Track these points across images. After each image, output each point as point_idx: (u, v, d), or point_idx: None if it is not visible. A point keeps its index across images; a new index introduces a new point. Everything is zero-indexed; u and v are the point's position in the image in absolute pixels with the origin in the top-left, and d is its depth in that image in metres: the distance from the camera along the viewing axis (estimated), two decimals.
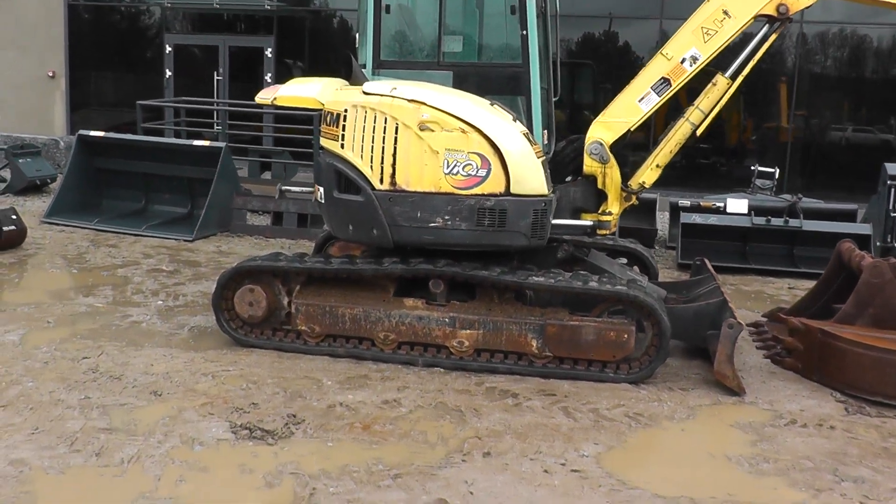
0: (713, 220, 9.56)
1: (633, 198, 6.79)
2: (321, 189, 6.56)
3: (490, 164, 6.00)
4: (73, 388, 5.50)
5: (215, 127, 13.00)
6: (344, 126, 6.29)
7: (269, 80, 13.96)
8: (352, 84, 6.49)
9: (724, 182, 12.69)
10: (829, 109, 14.55)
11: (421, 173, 6.02)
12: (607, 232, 6.66)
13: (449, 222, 6.01)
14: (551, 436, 5.11)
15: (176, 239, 9.80)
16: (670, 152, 6.71)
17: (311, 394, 5.56)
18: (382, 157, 6.11)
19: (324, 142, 6.61)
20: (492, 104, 6.26)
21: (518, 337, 6.03)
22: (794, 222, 9.33)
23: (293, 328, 6.38)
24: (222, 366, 6.00)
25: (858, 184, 13.74)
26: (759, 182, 10.05)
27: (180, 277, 8.34)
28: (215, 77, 14.70)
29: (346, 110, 6.29)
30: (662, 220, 11.04)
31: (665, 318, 5.90)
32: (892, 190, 9.56)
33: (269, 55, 14.11)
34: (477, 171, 6.00)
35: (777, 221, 9.36)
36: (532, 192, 6.12)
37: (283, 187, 10.50)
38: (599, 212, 6.68)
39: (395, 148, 6.07)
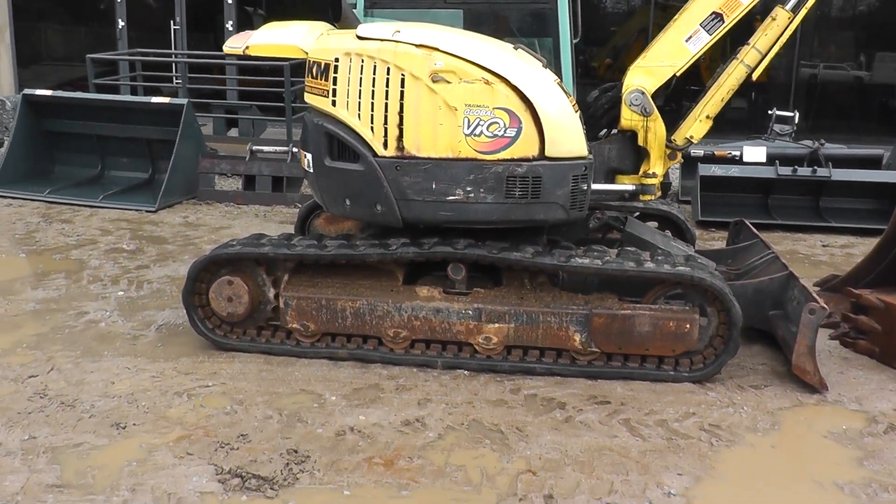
0: (734, 171, 8.35)
1: (679, 155, 5.53)
2: (308, 155, 5.20)
3: (520, 122, 4.68)
4: (14, 423, 4.16)
5: (174, 81, 11.39)
6: (335, 79, 4.92)
7: (231, 29, 12.34)
8: (340, 28, 5.10)
9: (735, 128, 11.35)
10: (836, 47, 13.22)
11: (435, 135, 4.69)
12: (652, 197, 5.40)
13: (471, 194, 4.71)
14: (622, 464, 3.92)
15: (137, 209, 8.35)
16: (721, 100, 5.43)
17: (312, 416, 4.29)
18: (386, 117, 4.76)
19: (310, 98, 5.23)
20: (515, 48, 4.93)
21: (558, 330, 4.80)
22: (822, 171, 8.16)
23: (282, 326, 5.09)
24: (199, 379, 4.69)
25: (864, 125, 12.63)
26: (777, 127, 8.86)
27: (144, 258, 6.95)
28: (172, 27, 13.00)
29: (336, 60, 4.91)
30: (672, 171, 9.80)
31: (736, 303, 4.70)
32: None
33: (230, 1, 12.47)
34: (504, 131, 4.68)
35: (804, 171, 8.19)
36: (570, 155, 4.83)
37: (254, 147, 8.99)
38: (640, 173, 5.41)
39: (401, 105, 4.72)
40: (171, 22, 13.26)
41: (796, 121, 9.04)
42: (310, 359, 4.99)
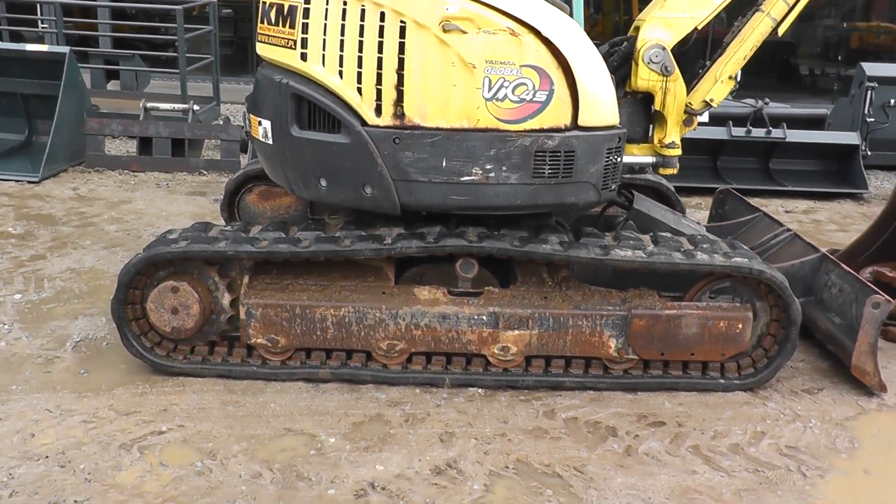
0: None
1: (695, 121, 4.65)
2: (264, 123, 3.98)
3: (552, 84, 3.65)
4: None
5: (40, 25, 9.53)
6: (305, 26, 3.72)
7: None
8: None
9: None
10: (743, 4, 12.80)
11: (446, 99, 3.60)
12: (674, 171, 4.52)
13: (491, 173, 3.66)
14: None
15: (17, 180, 6.74)
16: (744, 58, 4.55)
17: (314, 469, 3.18)
18: (379, 76, 3.62)
19: (266, 50, 4.00)
20: None
21: (590, 336, 3.86)
22: (776, 132, 7.55)
23: (242, 342, 3.92)
24: (148, 422, 3.47)
25: (765, 82, 12.30)
26: None
27: (37, 245, 5.47)
28: None
29: (306, 1, 3.71)
30: None
31: (796, 299, 3.92)
32: (870, 92, 7.97)
33: None
34: (534, 95, 3.64)
35: (759, 132, 7.55)
36: (605, 123, 3.86)
37: (149, 104, 7.55)
38: (657, 142, 4.51)
39: (400, 60, 3.59)
40: None
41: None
42: (282, 382, 3.86)
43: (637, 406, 3.81)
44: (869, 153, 7.89)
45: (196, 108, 7.62)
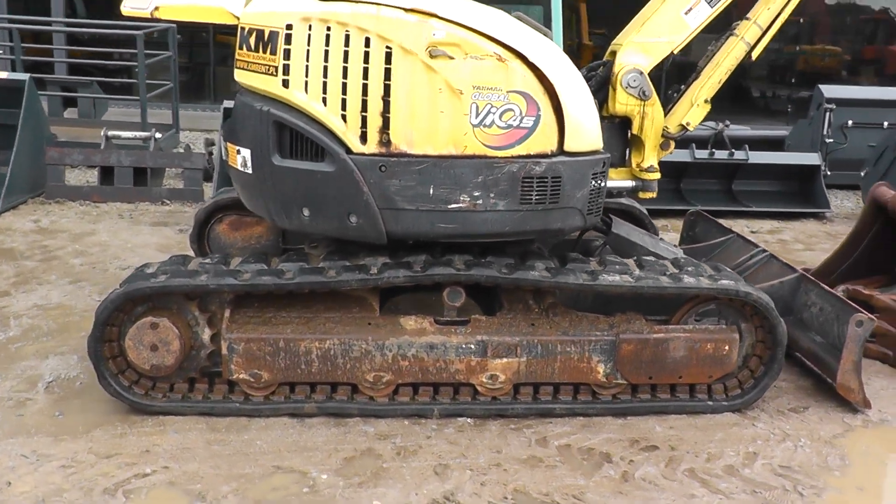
0: None
1: (672, 145, 4.69)
2: (243, 151, 3.90)
3: (539, 109, 3.64)
4: None
5: None
6: (287, 52, 3.65)
7: None
8: None
9: None
10: None
11: (433, 126, 3.55)
12: (653, 195, 4.53)
13: (479, 201, 3.62)
14: None
15: None
16: (719, 82, 4.60)
17: None
18: (364, 102, 3.57)
19: (245, 77, 3.91)
20: (512, 15, 3.88)
21: (578, 361, 3.83)
22: (739, 154, 7.66)
23: (225, 378, 3.79)
24: (130, 464, 3.33)
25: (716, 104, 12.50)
26: None
27: (1, 282, 5.27)
28: None
29: (288, 27, 3.64)
30: None
31: (782, 320, 3.93)
32: (828, 114, 8.15)
33: None
34: (521, 121, 3.62)
35: (721, 154, 7.66)
36: (590, 149, 3.86)
37: (110, 132, 7.38)
38: (635, 166, 4.52)
39: (386, 86, 3.54)
40: None
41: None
42: (266, 418, 3.75)
43: (628, 431, 3.77)
44: (829, 173, 8.06)
45: (158, 135, 7.47)
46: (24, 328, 4.63)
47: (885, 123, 8.10)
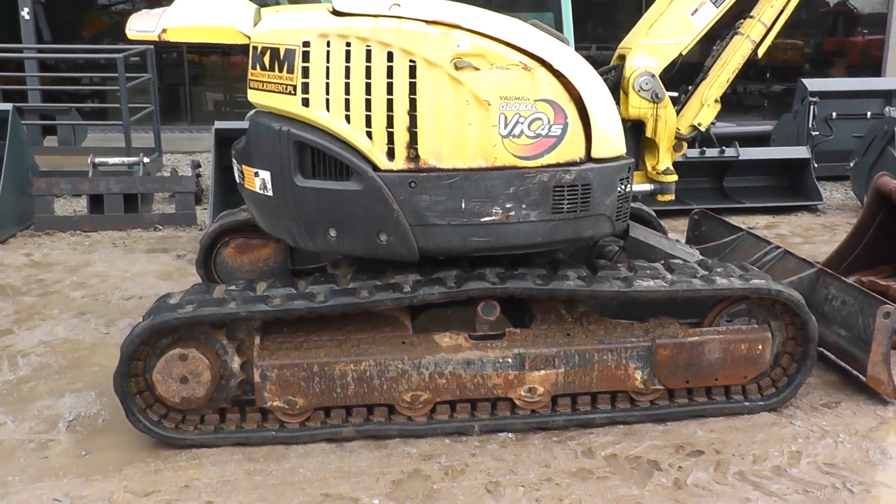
0: None
1: (684, 146, 4.67)
2: (261, 174, 3.80)
3: (566, 117, 3.60)
4: None
5: None
6: (305, 70, 3.57)
7: (27, 17, 10.03)
8: (297, 2, 3.73)
9: None
10: None
11: (462, 139, 3.49)
12: (672, 197, 4.52)
13: (511, 212, 3.56)
14: None
15: None
16: (727, 81, 4.60)
17: None
18: (390, 118, 3.50)
19: (260, 97, 3.82)
20: (529, 23, 3.83)
21: (616, 369, 3.79)
22: (730, 151, 7.71)
23: (258, 406, 3.69)
24: (172, 500, 3.21)
25: None
26: None
27: (2, 319, 5.08)
28: None
29: (305, 44, 3.56)
30: None
31: (812, 316, 3.93)
32: (812, 107, 8.23)
33: None
34: (549, 129, 3.57)
35: (712, 152, 7.70)
36: (616, 154, 3.83)
37: (97, 160, 7.22)
38: (650, 169, 4.50)
39: (412, 101, 3.47)
40: None
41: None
42: (303, 444, 3.65)
43: (671, 437, 3.74)
44: (816, 165, 8.14)
45: (146, 160, 7.32)
46: (34, 366, 4.48)
47: (869, 113, 8.21)
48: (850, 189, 8.34)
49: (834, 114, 8.27)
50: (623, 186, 3.86)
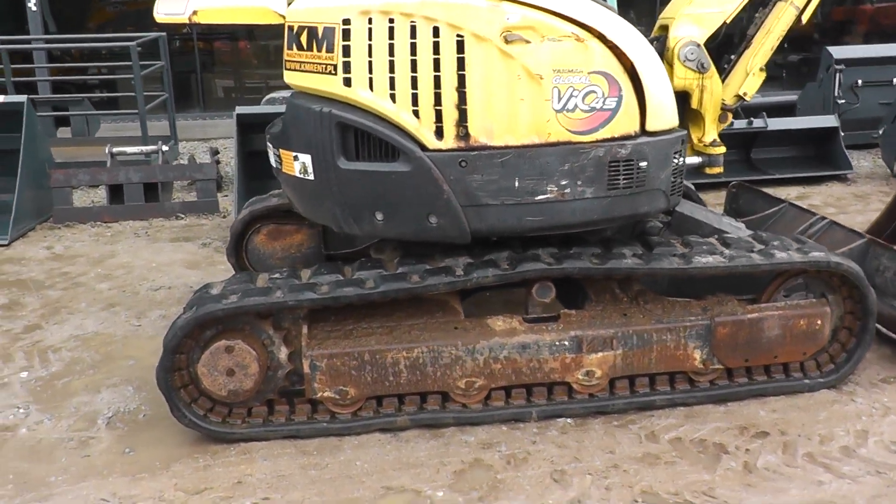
0: None
1: (729, 117, 4.52)
2: (301, 157, 3.66)
3: (620, 89, 3.44)
4: None
5: None
6: (346, 49, 3.42)
7: (34, 7, 9.84)
8: None
9: None
10: None
11: (514, 115, 3.34)
12: (720, 170, 4.37)
13: (567, 189, 3.42)
14: None
15: None
16: (771, 49, 4.44)
17: None
18: (438, 95, 3.35)
19: (297, 78, 3.68)
20: None
21: (675, 349, 3.65)
22: (758, 122, 7.53)
23: (307, 397, 3.56)
24: (226, 497, 3.09)
25: None
26: None
27: (27, 314, 4.98)
28: None
29: (346, 22, 3.41)
30: None
31: (871, 288, 3.79)
32: (838, 75, 8.05)
33: None
34: (604, 103, 3.42)
35: (740, 123, 7.52)
36: (669, 127, 3.68)
37: (115, 150, 7.07)
38: (696, 141, 4.34)
39: (460, 77, 3.32)
40: None
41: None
42: (357, 435, 3.52)
43: (733, 418, 3.61)
44: (842, 134, 7.96)
45: (165, 148, 7.16)
46: (66, 362, 4.35)
47: (895, 80, 8.02)
48: (878, 157, 8.17)
49: (860, 81, 8.10)
50: (677, 160, 3.71)
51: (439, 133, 3.37)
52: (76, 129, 8.77)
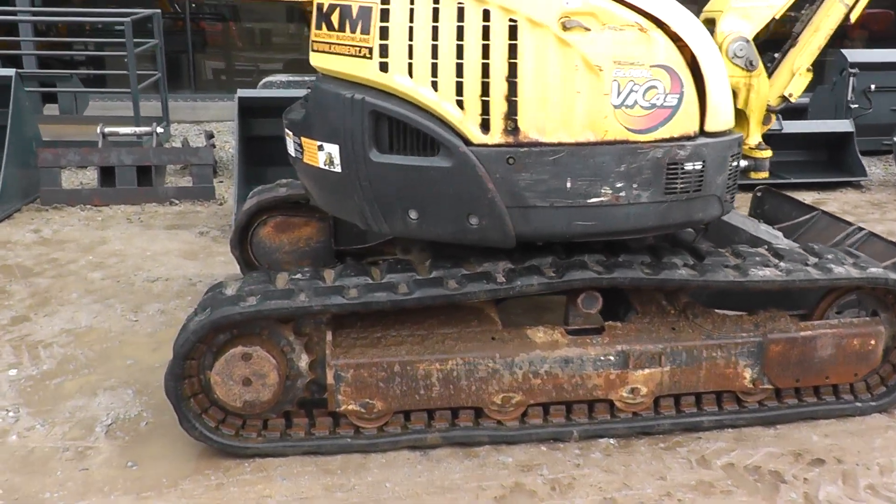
0: None
1: (773, 119, 4.25)
2: (328, 147, 3.32)
3: (682, 86, 3.14)
4: None
5: None
6: (384, 31, 3.08)
7: None
8: None
9: None
10: None
11: (570, 109, 3.02)
12: (766, 174, 4.09)
13: (622, 193, 3.11)
14: None
15: None
16: (818, 47, 4.18)
17: None
18: (486, 85, 3.02)
19: (327, 61, 3.34)
20: None
21: (725, 367, 3.37)
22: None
23: (330, 410, 3.23)
24: None
25: None
26: None
27: (14, 304, 4.58)
28: None
29: (384, 1, 3.07)
30: None
31: None
32: (851, 79, 7.83)
33: None
34: (665, 99, 3.11)
35: None
36: (727, 127, 3.39)
37: (107, 129, 6.65)
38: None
39: (511, 66, 3.00)
40: None
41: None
42: (383, 453, 3.21)
43: (785, 442, 3.34)
44: (855, 139, 7.75)
45: (160, 130, 6.76)
46: (58, 359, 3.98)
47: None
48: (889, 164, 7.97)
49: (873, 86, 7.88)
50: (733, 163, 3.42)
51: (485, 126, 3.05)
52: (64, 106, 8.30)
